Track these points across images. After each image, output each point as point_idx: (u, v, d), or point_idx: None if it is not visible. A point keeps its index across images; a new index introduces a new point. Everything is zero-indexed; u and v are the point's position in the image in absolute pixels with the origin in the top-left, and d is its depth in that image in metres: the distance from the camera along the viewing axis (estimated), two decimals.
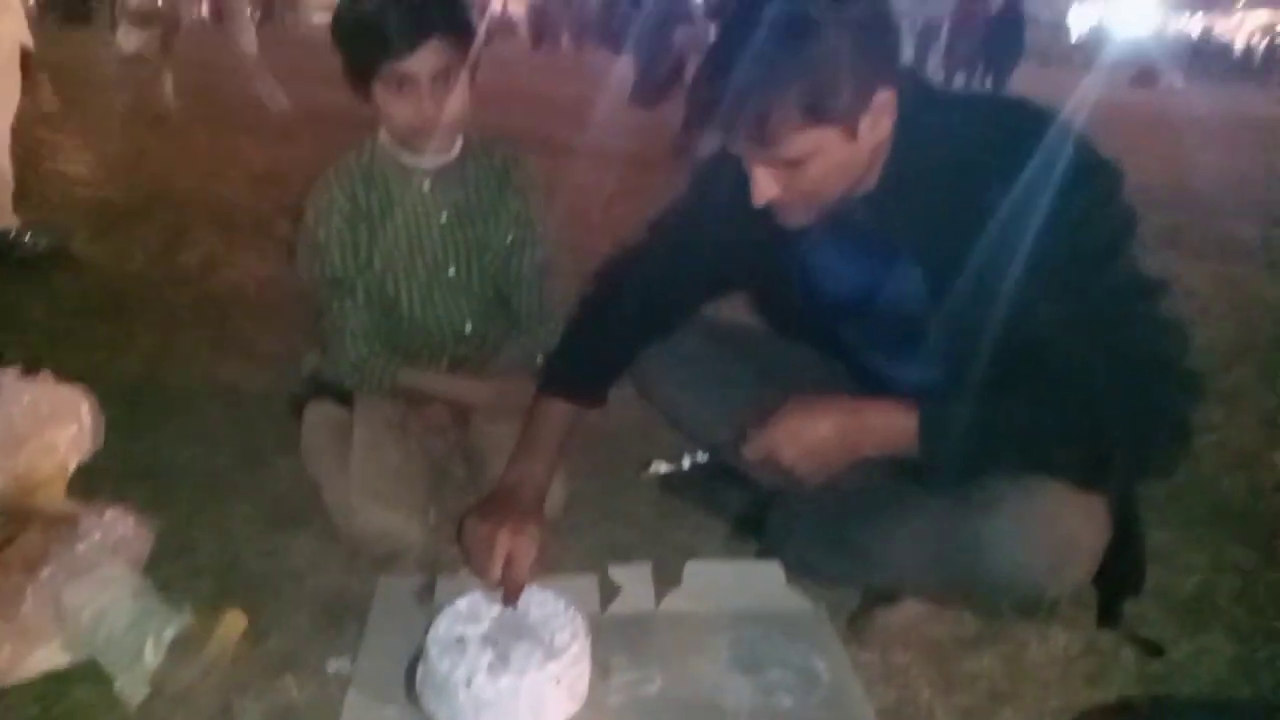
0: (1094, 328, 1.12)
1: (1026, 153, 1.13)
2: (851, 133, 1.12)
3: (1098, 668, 1.34)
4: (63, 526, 1.30)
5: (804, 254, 1.36)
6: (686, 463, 1.33)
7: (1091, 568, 1.19)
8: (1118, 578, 1.28)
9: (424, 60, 1.45)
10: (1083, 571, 1.17)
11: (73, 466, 1.55)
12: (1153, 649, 1.37)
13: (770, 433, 1.24)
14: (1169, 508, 1.73)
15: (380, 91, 1.49)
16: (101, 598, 1.23)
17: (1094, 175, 1.13)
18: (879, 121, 1.14)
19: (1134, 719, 1.28)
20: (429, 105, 1.49)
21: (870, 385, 1.40)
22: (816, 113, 1.08)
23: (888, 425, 1.20)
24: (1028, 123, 1.17)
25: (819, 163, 1.13)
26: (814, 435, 1.22)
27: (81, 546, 1.29)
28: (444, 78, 1.49)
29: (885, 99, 1.12)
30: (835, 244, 1.32)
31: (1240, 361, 2.61)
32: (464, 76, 1.52)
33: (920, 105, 1.17)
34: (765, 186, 1.17)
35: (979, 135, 1.17)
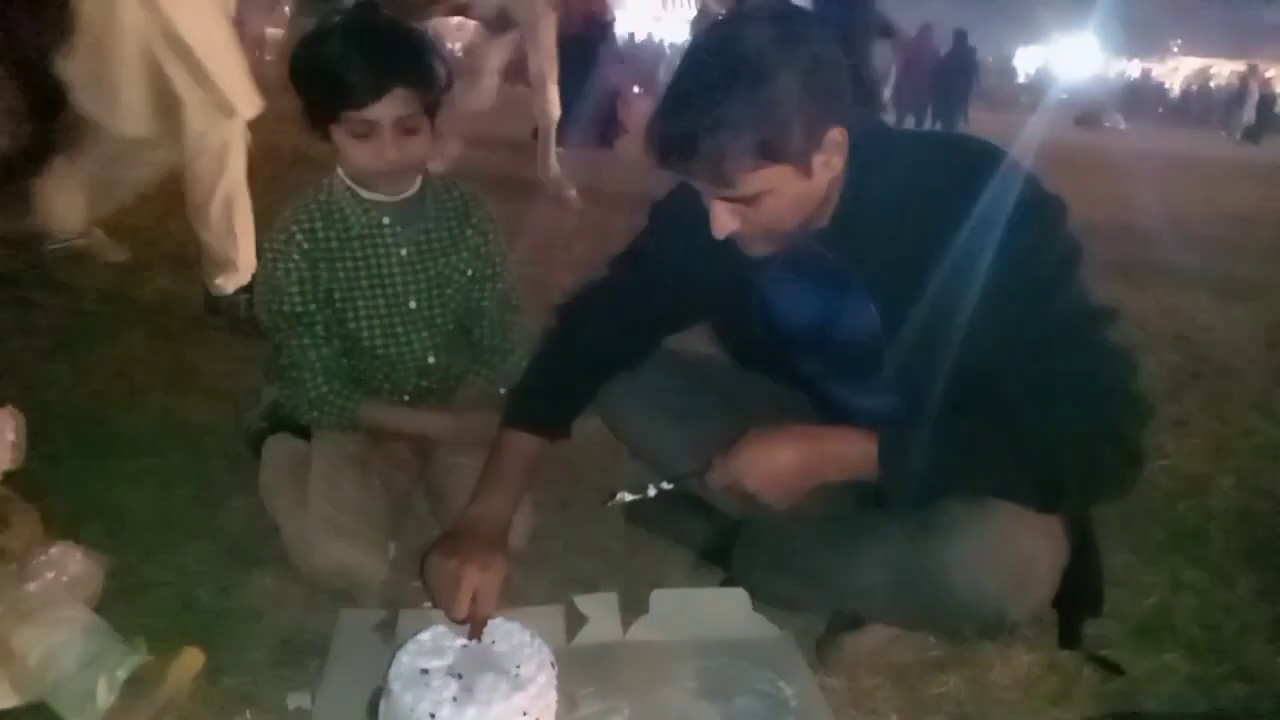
0: (1044, 354, 1.15)
1: (974, 187, 1.17)
2: (805, 170, 1.15)
3: (1061, 687, 1.36)
4: (11, 565, 1.26)
5: (761, 287, 1.39)
6: (651, 491, 1.33)
7: (1050, 589, 1.21)
8: (1077, 599, 1.30)
9: (387, 109, 1.46)
10: (1042, 593, 1.19)
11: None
12: (1113, 668, 1.39)
13: (733, 462, 1.25)
14: (1125, 533, 1.76)
15: (339, 135, 1.50)
16: (52, 637, 1.18)
17: (1040, 208, 1.18)
18: (832, 158, 1.18)
19: None
20: (390, 151, 1.50)
21: (831, 414, 1.42)
22: (770, 153, 1.12)
23: (847, 452, 1.22)
24: (975, 158, 1.22)
25: (774, 199, 1.16)
26: (776, 463, 1.24)
27: (31, 586, 1.25)
28: (406, 124, 1.49)
29: (837, 136, 1.16)
30: (791, 278, 1.35)
31: (1188, 389, 2.68)
32: (425, 121, 1.53)
33: (871, 142, 1.21)
34: (724, 221, 1.20)
35: (928, 171, 1.21)
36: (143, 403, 2.17)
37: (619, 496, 1.34)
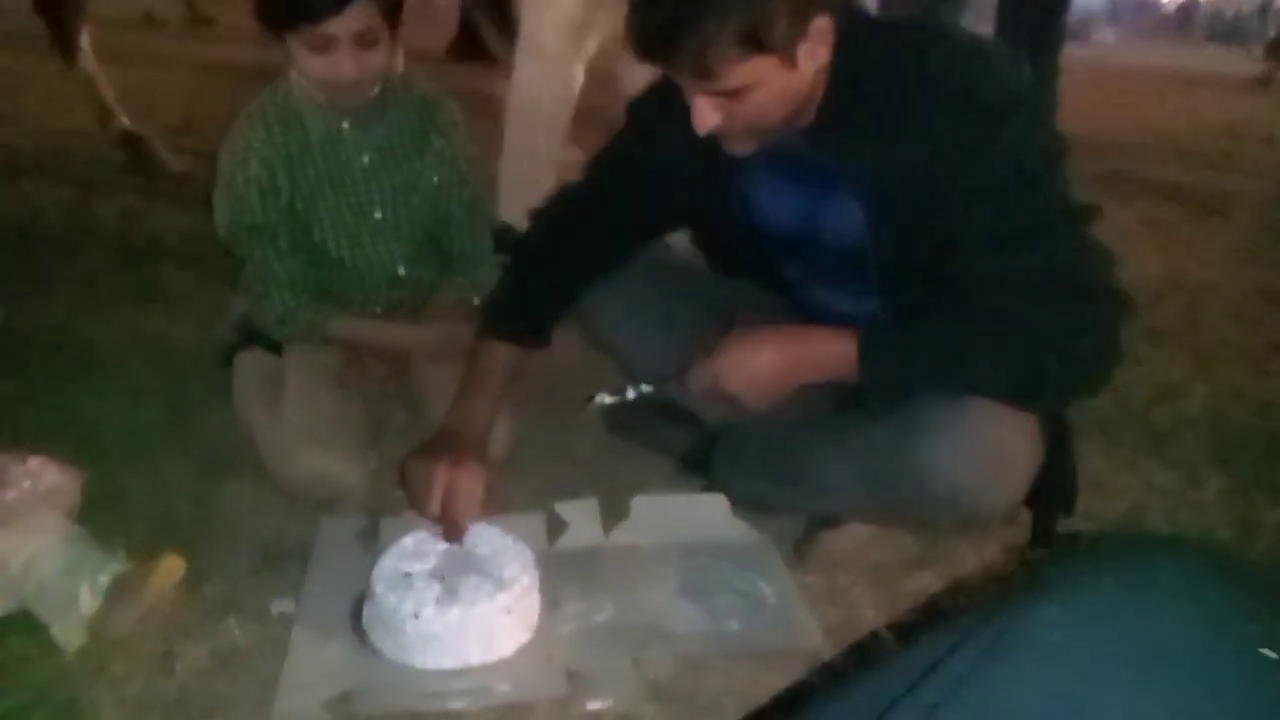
0: (1024, 248, 1.14)
1: (960, 80, 1.15)
2: (790, 61, 1.12)
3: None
4: None
5: (744, 186, 1.36)
6: (631, 394, 1.32)
7: (1025, 484, 1.22)
8: (1050, 498, 1.32)
9: (345, 23, 1.38)
10: (1016, 487, 1.20)
11: None
12: None
13: (714, 363, 1.25)
14: (1100, 438, 1.78)
15: (295, 45, 1.42)
16: (32, 545, 1.19)
17: (1026, 101, 1.16)
18: (817, 49, 1.14)
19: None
20: (348, 65, 1.43)
21: (812, 318, 1.41)
22: (754, 43, 1.08)
23: (827, 351, 1.22)
24: (962, 50, 1.19)
25: (759, 92, 1.13)
26: (757, 364, 1.23)
27: (9, 495, 1.24)
28: (365, 38, 1.42)
29: (823, 25, 1.12)
30: (775, 176, 1.33)
31: (1166, 299, 2.70)
32: (386, 31, 1.45)
33: (856, 35, 1.18)
34: (706, 116, 1.16)
35: (914, 63, 1.18)
36: (110, 318, 2.13)
37: (598, 399, 1.34)
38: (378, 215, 1.61)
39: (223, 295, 1.74)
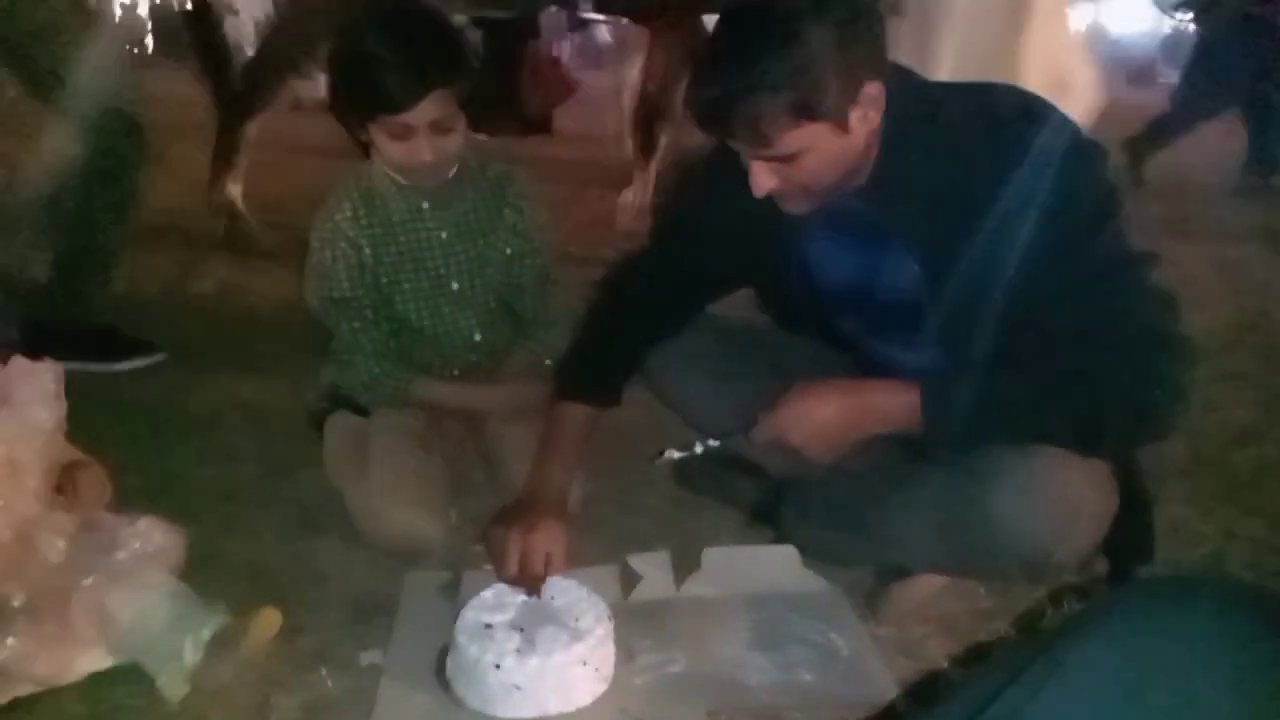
0: (1084, 298, 1.16)
1: (1012, 137, 1.18)
2: (843, 126, 1.17)
3: None
4: (102, 536, 1.33)
5: (802, 247, 1.41)
6: (699, 448, 1.37)
7: (1098, 533, 1.22)
8: (1127, 546, 1.31)
9: (424, 112, 1.47)
10: (1088, 536, 1.20)
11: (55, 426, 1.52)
12: None
13: (777, 416, 1.28)
14: (1177, 485, 1.75)
15: (376, 132, 1.53)
16: (141, 601, 1.26)
17: (1080, 154, 1.19)
18: (869, 113, 1.19)
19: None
20: (426, 152, 1.52)
21: (874, 372, 1.43)
22: (806, 111, 1.14)
23: (890, 403, 1.24)
24: (1012, 108, 1.22)
25: (813, 157, 1.18)
26: (819, 417, 1.26)
27: (120, 554, 1.32)
28: (442, 125, 1.51)
29: (874, 91, 1.17)
30: (832, 235, 1.37)
31: (1242, 342, 2.64)
32: (461, 117, 1.55)
33: (908, 96, 1.22)
34: (763, 180, 1.22)
35: (966, 122, 1.22)
36: (206, 384, 2.26)
37: (666, 454, 1.38)
38: (455, 286, 1.70)
39: (312, 363, 1.84)
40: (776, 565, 1.46)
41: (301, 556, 1.55)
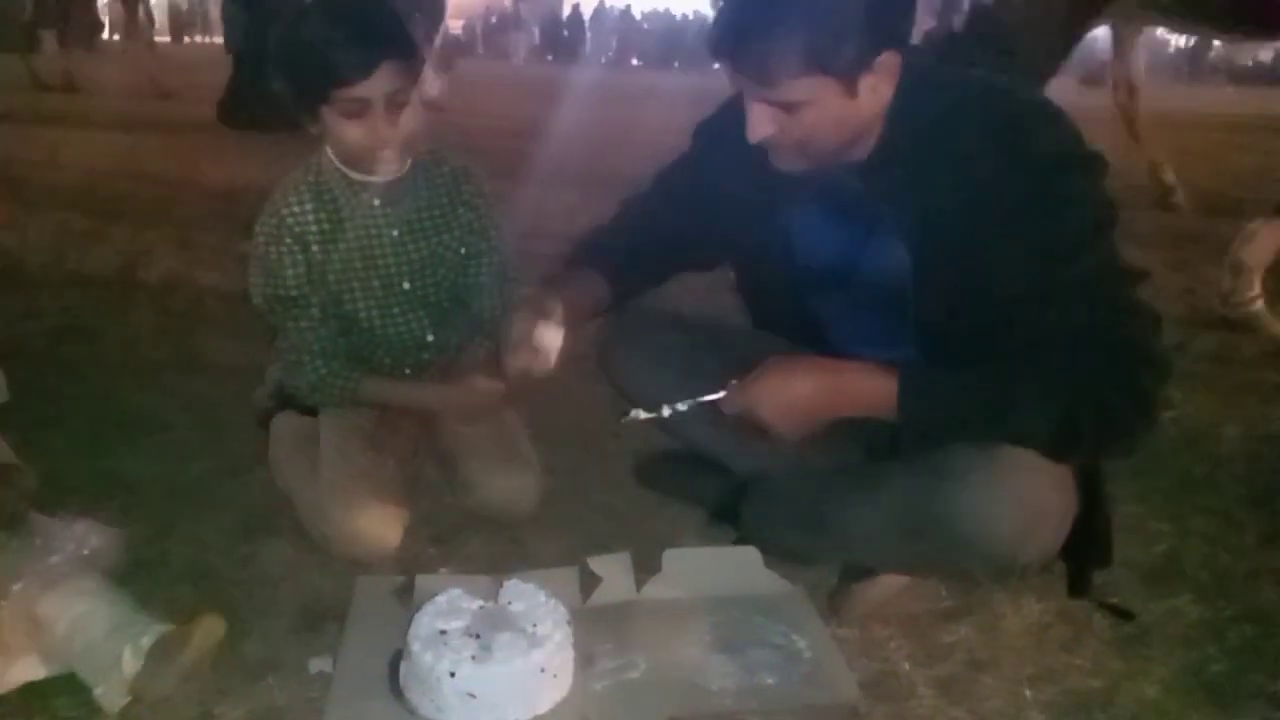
0: (1069, 305, 1.16)
1: (1019, 136, 1.17)
2: (851, 89, 1.15)
3: (1072, 634, 1.37)
4: (35, 539, 1.28)
5: (792, 218, 1.37)
6: (666, 411, 1.32)
7: (1059, 535, 1.22)
8: (1086, 551, 1.31)
9: (377, 84, 1.43)
10: (1050, 537, 1.20)
11: None
12: (1124, 614, 1.40)
13: (751, 387, 1.25)
14: (1134, 482, 1.77)
15: (330, 115, 1.47)
16: (76, 608, 1.21)
17: (1080, 162, 1.18)
18: (880, 85, 1.18)
19: None
20: (383, 127, 1.47)
21: None
22: (818, 61, 1.13)
23: (866, 387, 1.22)
24: (1020, 107, 1.21)
25: (814, 112, 1.17)
26: (793, 392, 1.23)
27: (54, 559, 1.27)
28: (396, 99, 1.47)
29: (890, 63, 1.16)
30: (823, 210, 1.34)
31: (1196, 342, 2.68)
32: (414, 96, 1.51)
33: (920, 80, 1.21)
34: (759, 124, 1.20)
35: (973, 115, 1.20)
36: (153, 381, 2.18)
37: (633, 414, 1.34)
38: (406, 286, 1.65)
39: (261, 359, 1.78)
40: (738, 566, 1.44)
41: (248, 560, 1.50)
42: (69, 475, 1.66)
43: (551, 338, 1.30)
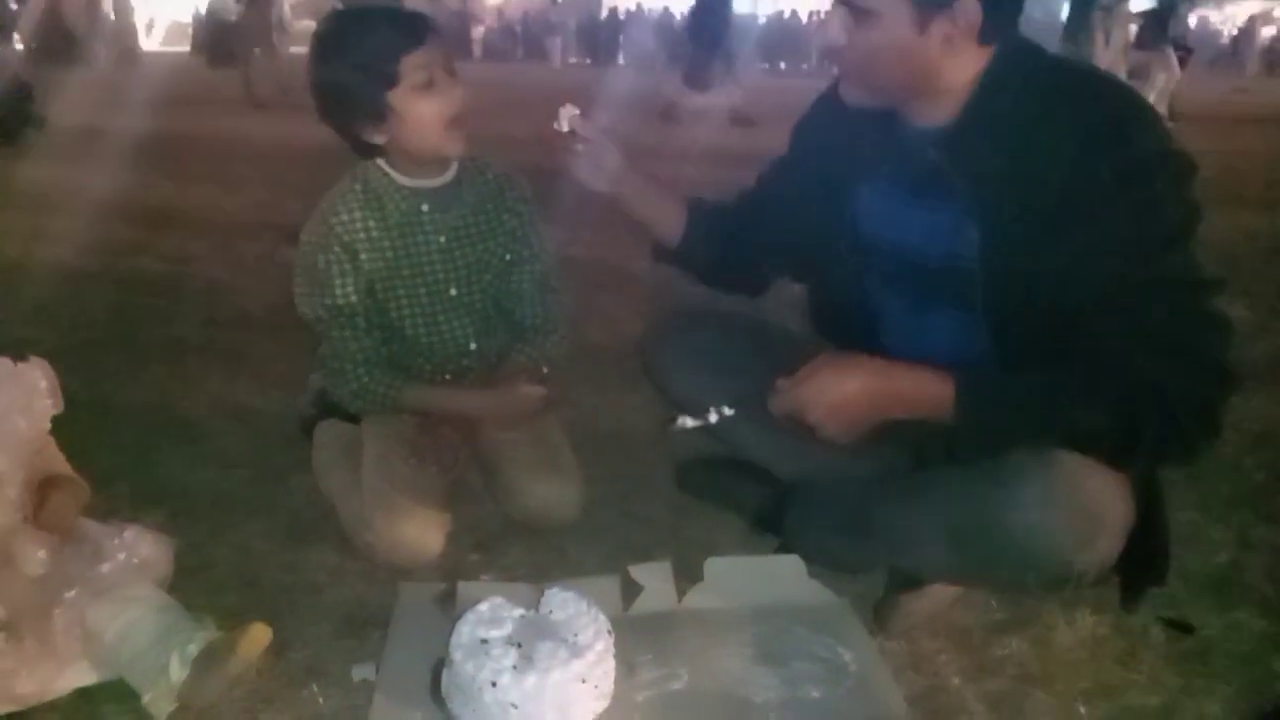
0: (1143, 308, 1.13)
1: (1109, 131, 1.14)
2: (923, 22, 1.16)
3: (1127, 648, 1.33)
4: (86, 547, 1.29)
5: (865, 192, 1.35)
6: (714, 416, 1.30)
7: (1117, 545, 1.18)
8: (1141, 564, 1.27)
9: (435, 47, 1.49)
10: (1109, 545, 1.16)
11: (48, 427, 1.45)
12: (1183, 628, 1.36)
13: (800, 385, 1.22)
14: (1191, 489, 1.72)
15: (401, 99, 1.48)
16: (126, 615, 1.22)
17: (1169, 163, 1.15)
18: (955, 39, 1.17)
19: None
20: (455, 93, 1.51)
21: None
22: None
23: (921, 389, 1.19)
24: (1114, 100, 1.18)
25: (881, 32, 1.18)
26: (843, 392, 1.20)
27: (105, 567, 1.28)
28: (449, 65, 1.52)
29: (969, 17, 1.15)
30: (894, 188, 1.31)
31: (1254, 343, 2.60)
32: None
33: (1015, 55, 1.21)
34: (833, 28, 1.23)
35: (1067, 101, 1.17)
36: (197, 388, 2.22)
37: (680, 421, 1.32)
38: (453, 292, 1.65)
39: (305, 367, 1.79)
40: (781, 576, 1.42)
41: (293, 566, 1.51)
42: (119, 483, 1.69)
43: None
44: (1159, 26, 8.90)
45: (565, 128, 1.47)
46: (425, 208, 1.61)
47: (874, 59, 1.21)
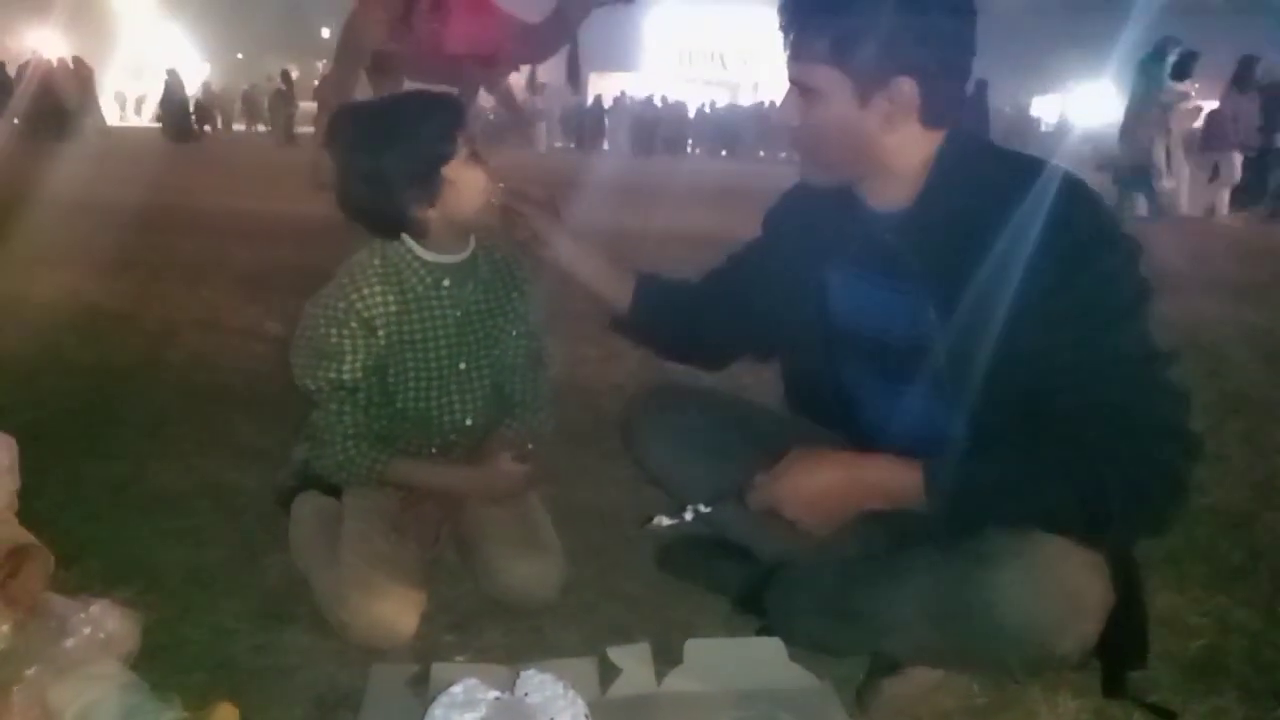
0: (1101, 384, 1.16)
1: (1057, 215, 1.19)
2: (863, 97, 1.21)
3: None
4: (51, 622, 1.26)
5: (830, 278, 1.41)
6: (689, 515, 1.32)
7: (1098, 623, 1.17)
8: (1121, 648, 1.27)
9: (475, 123, 1.57)
10: (1089, 625, 1.16)
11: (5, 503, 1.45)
12: (1164, 713, 1.34)
13: (774, 483, 1.26)
14: (1168, 572, 1.72)
15: (460, 174, 1.53)
16: (87, 695, 1.19)
17: (1118, 244, 1.20)
18: (895, 116, 1.22)
19: None
20: (492, 165, 1.60)
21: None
22: (838, 51, 1.20)
23: (890, 479, 1.22)
24: (1064, 189, 1.23)
25: (825, 108, 1.24)
26: (817, 484, 1.24)
27: (69, 643, 1.25)
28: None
29: (907, 94, 1.20)
30: (859, 272, 1.37)
31: (1226, 425, 2.64)
32: None
33: (964, 144, 1.27)
34: (786, 109, 1.29)
35: (1016, 189, 1.22)
36: (175, 463, 2.19)
37: (656, 521, 1.34)
38: (462, 366, 1.66)
39: (285, 441, 1.78)
40: (763, 658, 1.41)
41: (264, 647, 1.48)
42: (90, 558, 1.66)
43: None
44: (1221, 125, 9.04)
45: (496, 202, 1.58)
46: (447, 282, 1.62)
47: (822, 136, 1.28)
